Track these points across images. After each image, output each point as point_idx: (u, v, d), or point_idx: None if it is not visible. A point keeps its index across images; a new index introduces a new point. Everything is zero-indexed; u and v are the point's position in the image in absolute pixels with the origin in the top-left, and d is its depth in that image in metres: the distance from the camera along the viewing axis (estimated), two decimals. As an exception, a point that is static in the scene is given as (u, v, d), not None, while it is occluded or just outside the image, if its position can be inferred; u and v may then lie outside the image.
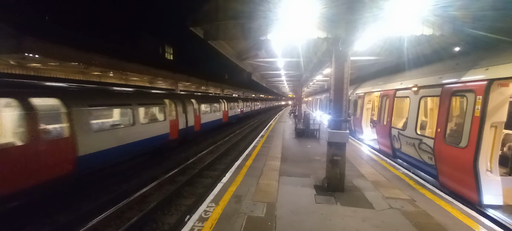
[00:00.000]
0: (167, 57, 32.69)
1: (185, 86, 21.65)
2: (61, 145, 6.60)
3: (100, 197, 6.98)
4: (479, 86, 4.53)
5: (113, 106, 9.62)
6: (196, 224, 3.85)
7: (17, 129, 5.78)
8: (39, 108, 6.03)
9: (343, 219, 4.09)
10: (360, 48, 6.71)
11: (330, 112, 5.25)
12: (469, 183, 4.65)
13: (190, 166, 10.10)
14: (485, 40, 5.02)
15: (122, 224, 5.56)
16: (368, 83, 11.36)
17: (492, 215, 4.38)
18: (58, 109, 6.73)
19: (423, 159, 6.27)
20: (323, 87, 24.94)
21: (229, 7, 5.30)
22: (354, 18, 4.73)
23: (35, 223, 5.64)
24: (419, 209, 4.47)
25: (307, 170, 6.75)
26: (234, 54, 9.09)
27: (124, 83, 15.66)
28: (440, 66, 6.26)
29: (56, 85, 7.77)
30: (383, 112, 8.63)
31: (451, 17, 4.86)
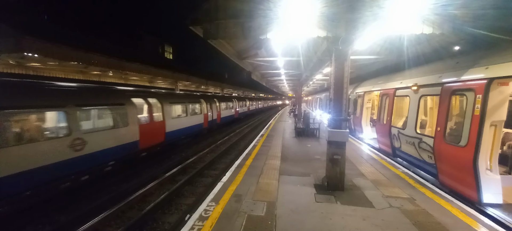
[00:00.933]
0: (166, 57, 32.66)
1: (185, 86, 21.62)
2: (161, 124, 11.63)
3: (100, 197, 6.98)
4: (479, 85, 4.53)
5: (180, 103, 14.20)
6: (196, 223, 3.86)
7: (148, 115, 10.90)
8: (153, 105, 11.21)
9: (343, 218, 4.09)
10: (360, 47, 6.71)
11: (330, 111, 5.25)
12: (469, 182, 4.66)
13: (190, 165, 10.11)
14: (485, 39, 5.02)
15: (123, 224, 5.57)
16: (368, 82, 11.37)
17: (491, 213, 4.39)
18: (158, 105, 11.70)
19: (423, 158, 6.28)
20: (323, 86, 24.94)
21: (229, 6, 5.29)
22: (354, 17, 4.72)
23: (35, 222, 5.65)
24: (419, 207, 4.48)
25: (307, 169, 6.75)
26: (234, 53, 9.08)
27: (124, 82, 15.65)
28: (440, 65, 6.26)
29: (155, 91, 12.97)
30: (383, 111, 8.64)
31: (451, 16, 4.86)
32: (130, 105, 9.46)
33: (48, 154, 6.21)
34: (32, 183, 5.90)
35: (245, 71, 14.37)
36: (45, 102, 6.63)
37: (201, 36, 5.74)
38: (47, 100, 6.72)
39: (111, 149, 8.26)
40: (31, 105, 6.23)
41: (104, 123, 8.49)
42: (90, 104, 7.99)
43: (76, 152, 6.94)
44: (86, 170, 7.44)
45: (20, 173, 5.58)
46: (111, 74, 12.87)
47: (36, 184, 6.01)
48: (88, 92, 8.56)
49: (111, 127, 8.48)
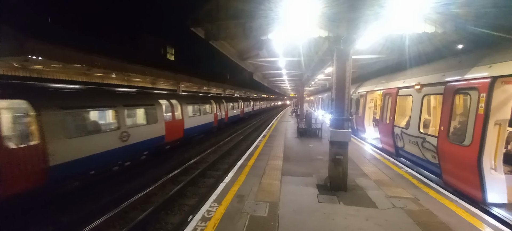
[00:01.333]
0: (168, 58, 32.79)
1: (187, 87, 21.67)
2: (181, 122, 13.31)
3: (103, 197, 7.03)
4: (483, 84, 4.49)
5: (194, 104, 15.74)
6: (199, 224, 3.87)
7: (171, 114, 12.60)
8: (174, 105, 12.79)
9: (346, 218, 4.08)
10: (361, 46, 6.68)
11: (332, 111, 5.23)
12: (473, 181, 4.62)
13: (192, 166, 10.13)
14: (487, 38, 4.98)
15: (126, 224, 5.59)
16: (370, 82, 11.32)
17: (496, 213, 4.35)
18: (178, 105, 13.30)
19: (427, 158, 6.24)
20: (325, 86, 24.89)
21: (230, 6, 5.31)
22: (356, 16, 4.71)
23: (38, 223, 5.69)
24: (423, 207, 4.44)
25: (310, 169, 6.74)
26: (235, 54, 9.10)
27: (127, 84, 15.73)
28: (443, 64, 6.22)
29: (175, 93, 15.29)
30: (386, 111, 8.59)
31: (453, 15, 4.83)
32: (158, 106, 11.19)
33: (106, 143, 7.95)
34: (96, 164, 7.58)
35: (247, 71, 14.41)
36: (104, 103, 8.56)
37: (202, 37, 5.76)
38: (105, 102, 8.63)
39: (146, 141, 9.99)
40: (95, 106, 8.16)
41: (141, 120, 10.39)
42: (131, 105, 9.78)
43: (123, 142, 8.64)
44: (129, 157, 9.18)
45: (89, 156, 7.27)
46: (114, 76, 12.94)
47: (98, 166, 7.70)
48: (129, 94, 10.79)
49: (146, 123, 10.23)
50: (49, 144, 6.15)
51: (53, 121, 6.38)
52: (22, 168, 5.61)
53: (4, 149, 5.37)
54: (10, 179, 5.40)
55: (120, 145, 8.45)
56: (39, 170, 5.95)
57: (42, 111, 6.17)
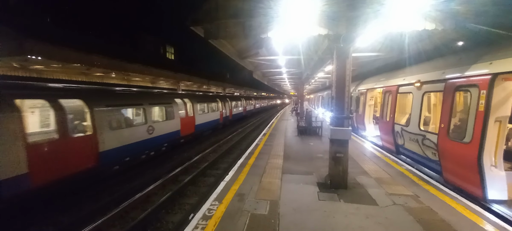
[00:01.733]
0: (168, 57, 32.72)
1: (187, 86, 21.65)
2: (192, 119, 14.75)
3: (104, 197, 7.04)
4: (483, 81, 4.49)
5: (203, 102, 17.16)
6: (200, 222, 3.87)
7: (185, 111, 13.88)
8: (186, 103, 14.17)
9: (347, 216, 4.08)
10: (361, 44, 6.67)
11: (332, 109, 5.23)
12: (473, 179, 4.62)
13: (193, 165, 10.14)
14: (486, 36, 4.98)
15: (127, 224, 5.60)
16: (370, 79, 11.31)
17: (497, 210, 4.35)
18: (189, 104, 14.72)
19: (427, 155, 6.24)
20: (325, 84, 24.87)
21: (229, 5, 5.29)
22: (355, 14, 4.69)
23: (39, 223, 5.70)
24: (423, 205, 4.45)
25: (310, 168, 6.74)
26: (235, 52, 9.09)
27: (126, 83, 15.71)
28: (443, 62, 6.21)
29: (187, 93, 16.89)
30: (386, 108, 8.59)
31: (453, 13, 4.81)
32: (174, 104, 12.76)
33: (137, 135, 9.49)
34: (130, 152, 9.07)
35: (247, 70, 14.41)
36: (135, 102, 10.24)
37: (202, 36, 5.75)
38: (136, 101, 10.29)
39: (166, 135, 11.50)
40: (129, 104, 9.94)
41: (162, 116, 11.93)
42: (155, 103, 11.29)
43: (149, 135, 10.14)
44: (153, 148, 10.64)
45: (126, 145, 8.80)
46: (114, 75, 12.92)
47: (131, 153, 9.17)
48: (152, 94, 12.37)
49: (165, 119, 11.82)
50: (99, 134, 7.73)
51: (101, 116, 7.93)
52: (83, 152, 7.28)
53: (72, 137, 7.02)
54: (77, 160, 7.11)
55: (147, 137, 10.04)
56: (93, 154, 7.55)
57: (93, 108, 7.68)
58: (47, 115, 7.14)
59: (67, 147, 6.75)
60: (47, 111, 6.97)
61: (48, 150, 6.27)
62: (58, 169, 6.47)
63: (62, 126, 6.66)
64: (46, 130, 7.09)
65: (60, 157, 6.54)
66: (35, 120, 7.15)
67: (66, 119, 6.82)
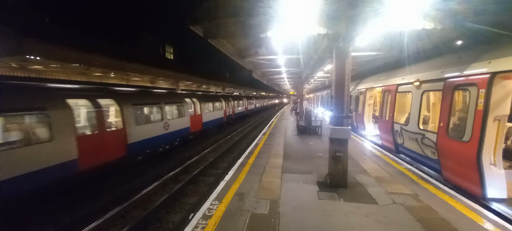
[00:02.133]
0: (167, 57, 32.67)
1: (186, 86, 21.64)
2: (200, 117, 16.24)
3: (104, 197, 7.04)
4: (482, 80, 4.50)
5: (209, 101, 18.67)
6: (200, 222, 3.88)
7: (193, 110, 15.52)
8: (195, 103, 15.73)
9: (346, 215, 4.09)
10: (360, 44, 6.68)
11: (332, 108, 5.24)
12: (472, 177, 4.64)
13: (193, 165, 10.15)
14: (485, 35, 4.99)
15: (127, 224, 5.61)
16: (370, 79, 11.31)
17: (496, 208, 4.37)
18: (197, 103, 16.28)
19: (426, 154, 6.26)
20: (324, 84, 24.88)
21: (229, 4, 5.29)
22: (355, 13, 4.70)
23: (39, 223, 5.70)
24: (423, 204, 4.46)
25: (310, 167, 6.75)
26: (234, 52, 9.09)
27: (126, 83, 15.68)
28: (442, 61, 6.22)
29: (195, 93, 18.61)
30: (385, 107, 8.60)
31: (453, 11, 4.82)
32: (185, 103, 14.16)
33: (156, 130, 10.87)
34: (150, 145, 10.45)
35: (246, 69, 14.43)
36: (154, 101, 11.51)
37: (201, 35, 5.74)
38: (154, 100, 11.63)
39: (178, 131, 12.83)
40: (149, 103, 11.13)
41: (175, 114, 13.14)
42: (169, 102, 12.59)
43: (165, 130, 11.50)
44: (168, 142, 12.00)
45: (147, 138, 10.17)
46: (113, 75, 12.90)
47: (151, 146, 10.55)
48: (167, 94, 14.00)
49: (178, 117, 13.17)
50: (127, 129, 9.05)
51: (129, 113, 9.25)
52: (117, 143, 8.66)
53: (106, 131, 8.33)
54: (111, 150, 8.40)
55: (163, 132, 11.39)
56: (124, 145, 8.92)
57: (122, 106, 9.00)
58: (89, 112, 8.17)
59: (104, 139, 8.12)
60: (89, 108, 8.11)
61: (91, 140, 7.63)
62: (97, 157, 7.78)
63: (99, 121, 8.10)
64: (88, 124, 8.13)
65: (99, 147, 7.87)
66: (81, 116, 8.10)
67: (103, 115, 8.26)
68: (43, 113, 6.29)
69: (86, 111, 8.17)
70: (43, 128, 6.31)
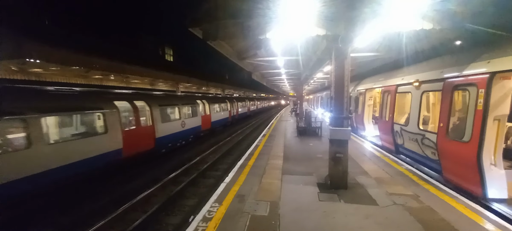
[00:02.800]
0: (167, 59, 32.73)
1: (186, 88, 21.69)
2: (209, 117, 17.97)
3: (104, 198, 7.01)
4: (481, 80, 4.50)
5: (216, 103, 20.54)
6: (200, 224, 3.86)
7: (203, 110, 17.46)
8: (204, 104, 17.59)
9: (347, 216, 4.08)
10: (360, 45, 6.67)
11: (332, 109, 5.23)
12: (473, 177, 4.63)
13: (193, 166, 10.12)
14: (483, 36, 5.00)
15: (126, 226, 5.58)
16: (369, 79, 11.32)
17: (497, 208, 4.36)
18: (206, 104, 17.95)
19: (426, 154, 6.25)
20: (324, 85, 24.90)
21: (229, 5, 5.29)
22: (354, 14, 4.70)
23: (38, 225, 5.68)
24: (423, 204, 4.45)
25: (310, 168, 6.74)
26: (233, 53, 9.09)
27: (125, 85, 15.71)
28: (442, 61, 6.22)
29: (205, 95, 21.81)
30: (385, 108, 8.60)
31: (451, 13, 4.84)
32: (197, 104, 16.11)
33: (175, 127, 12.81)
34: (171, 140, 12.49)
35: (246, 71, 14.45)
36: (173, 102, 13.48)
37: (200, 37, 5.74)
38: (174, 101, 13.62)
39: (192, 128, 14.89)
40: (171, 104, 13.12)
41: (189, 114, 15.04)
42: (184, 103, 14.50)
43: (182, 128, 13.52)
44: (184, 138, 13.99)
45: (169, 134, 12.13)
46: (113, 77, 12.92)
47: (172, 141, 12.58)
48: (182, 96, 16.55)
49: (192, 116, 15.13)
50: (155, 125, 11.04)
51: (156, 112, 11.17)
52: (148, 137, 10.66)
53: (141, 127, 10.35)
54: (145, 141, 10.47)
55: (181, 129, 13.36)
56: (153, 138, 10.89)
57: (151, 107, 10.95)
58: (129, 111, 10.02)
59: (139, 133, 10.11)
60: (129, 109, 9.97)
61: (130, 134, 9.46)
62: (135, 147, 9.67)
63: (136, 119, 10.11)
64: (129, 121, 9.99)
65: (136, 139, 9.78)
66: (123, 114, 9.62)
67: (138, 114, 10.20)
68: (101, 112, 8.29)
69: (127, 111, 10.00)
70: (101, 123, 8.30)
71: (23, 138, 5.91)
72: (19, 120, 5.87)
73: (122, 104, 9.53)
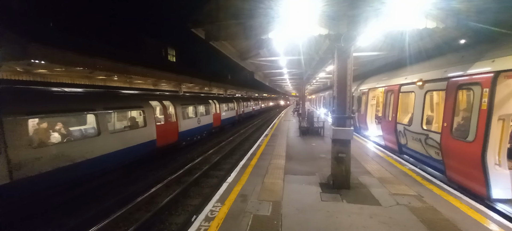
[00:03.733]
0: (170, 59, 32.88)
1: (189, 88, 21.77)
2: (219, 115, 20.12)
3: (108, 199, 7.08)
4: (486, 79, 4.46)
5: (224, 102, 22.60)
6: (202, 224, 3.88)
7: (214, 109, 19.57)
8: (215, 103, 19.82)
9: (350, 216, 4.07)
10: (362, 44, 6.66)
11: (334, 109, 5.22)
12: (477, 177, 4.59)
13: (195, 166, 10.17)
14: (488, 34, 4.95)
15: (131, 225, 5.63)
16: (372, 79, 11.27)
17: (501, 209, 4.32)
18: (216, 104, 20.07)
19: (430, 154, 6.20)
20: (326, 85, 24.81)
21: (230, 6, 5.30)
22: (356, 13, 4.69)
23: (44, 226, 5.75)
24: (427, 204, 4.42)
25: (312, 168, 6.73)
26: (236, 53, 9.10)
27: (129, 86, 15.83)
28: (445, 60, 6.17)
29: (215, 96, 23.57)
30: (388, 108, 8.55)
31: (455, 10, 4.79)
32: (209, 104, 18.04)
33: (193, 123, 14.87)
34: (191, 134, 14.60)
35: (248, 71, 14.49)
36: (191, 102, 15.45)
37: (203, 38, 5.76)
38: (192, 101, 15.56)
39: (206, 125, 16.80)
40: (189, 103, 15.08)
41: (204, 112, 17.01)
42: (200, 103, 16.71)
43: (198, 124, 15.55)
44: (199, 134, 15.91)
45: (189, 129, 14.12)
46: (116, 78, 13.02)
47: (191, 135, 14.66)
48: (198, 96, 18.71)
49: (205, 114, 17.08)
50: (179, 122, 12.94)
51: (179, 110, 13.16)
52: (173, 131, 12.47)
53: (168, 122, 12.18)
54: (171, 135, 12.26)
55: (197, 125, 15.42)
56: (177, 132, 12.75)
57: (176, 106, 12.93)
58: (160, 109, 11.99)
59: (167, 127, 11.85)
60: (159, 107, 11.92)
61: (161, 128, 11.27)
62: (164, 139, 11.46)
63: (165, 115, 11.97)
64: (160, 117, 11.88)
65: (165, 133, 11.51)
66: (156, 112, 11.52)
67: (166, 112, 12.05)
68: (142, 110, 10.25)
69: (158, 109, 11.87)
70: (142, 119, 10.24)
71: (95, 128, 7.89)
72: (93, 114, 7.88)
73: (155, 104, 11.36)
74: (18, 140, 5.58)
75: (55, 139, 6.68)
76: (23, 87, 8.25)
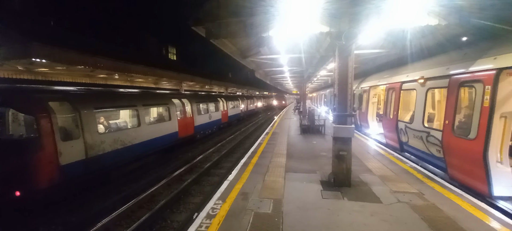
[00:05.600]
0: (170, 58, 32.88)
1: (189, 86, 21.81)
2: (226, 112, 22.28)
3: (111, 197, 7.12)
4: (488, 76, 4.43)
5: (231, 100, 24.80)
6: (204, 221, 3.90)
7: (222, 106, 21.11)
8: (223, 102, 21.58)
9: (351, 214, 4.08)
10: (363, 41, 6.62)
11: (335, 107, 5.21)
12: (479, 175, 4.58)
13: (197, 165, 10.20)
14: (490, 31, 4.91)
15: (133, 223, 5.67)
16: (373, 77, 11.23)
17: (503, 206, 4.31)
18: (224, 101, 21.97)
19: (431, 152, 6.19)
20: (327, 83, 24.75)
21: (231, 3, 5.28)
22: (357, 10, 4.66)
23: (48, 223, 5.80)
24: (428, 202, 4.42)
25: (313, 166, 6.74)
26: (236, 51, 9.09)
27: (130, 84, 15.86)
28: (447, 57, 6.14)
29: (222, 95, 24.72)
30: (389, 105, 8.53)
31: (457, 7, 4.75)
32: (218, 101, 19.85)
33: (205, 119, 16.57)
34: (204, 129, 16.55)
35: (249, 69, 14.52)
36: (204, 100, 17.30)
37: (204, 36, 5.75)
38: (204, 99, 17.43)
39: (215, 121, 18.52)
40: (202, 101, 16.81)
41: (214, 109, 18.51)
42: (211, 101, 18.38)
43: (209, 120, 17.27)
44: (210, 128, 17.79)
45: (202, 124, 16.04)
46: (117, 77, 13.04)
47: (204, 129, 16.56)
48: (209, 95, 21.00)
49: (215, 111, 18.67)
50: (194, 117, 14.78)
51: (195, 107, 15.01)
52: (190, 125, 14.32)
53: (186, 117, 13.98)
54: (189, 128, 13.99)
55: (209, 121, 17.11)
56: (193, 127, 14.53)
57: (192, 103, 14.78)
58: (179, 106, 13.53)
59: (185, 122, 13.61)
60: (179, 104, 13.54)
61: (181, 122, 12.93)
62: (184, 132, 13.17)
63: (183, 111, 13.82)
64: (180, 113, 13.36)
65: (184, 126, 13.23)
66: (177, 108, 13.02)
67: (184, 108, 13.98)
68: (167, 106, 11.97)
69: (179, 106, 13.46)
70: (167, 114, 11.93)
71: (136, 120, 9.70)
72: (135, 110, 9.73)
73: (176, 101, 13.14)
74: (90, 127, 7.37)
75: (112, 128, 8.91)
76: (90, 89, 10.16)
